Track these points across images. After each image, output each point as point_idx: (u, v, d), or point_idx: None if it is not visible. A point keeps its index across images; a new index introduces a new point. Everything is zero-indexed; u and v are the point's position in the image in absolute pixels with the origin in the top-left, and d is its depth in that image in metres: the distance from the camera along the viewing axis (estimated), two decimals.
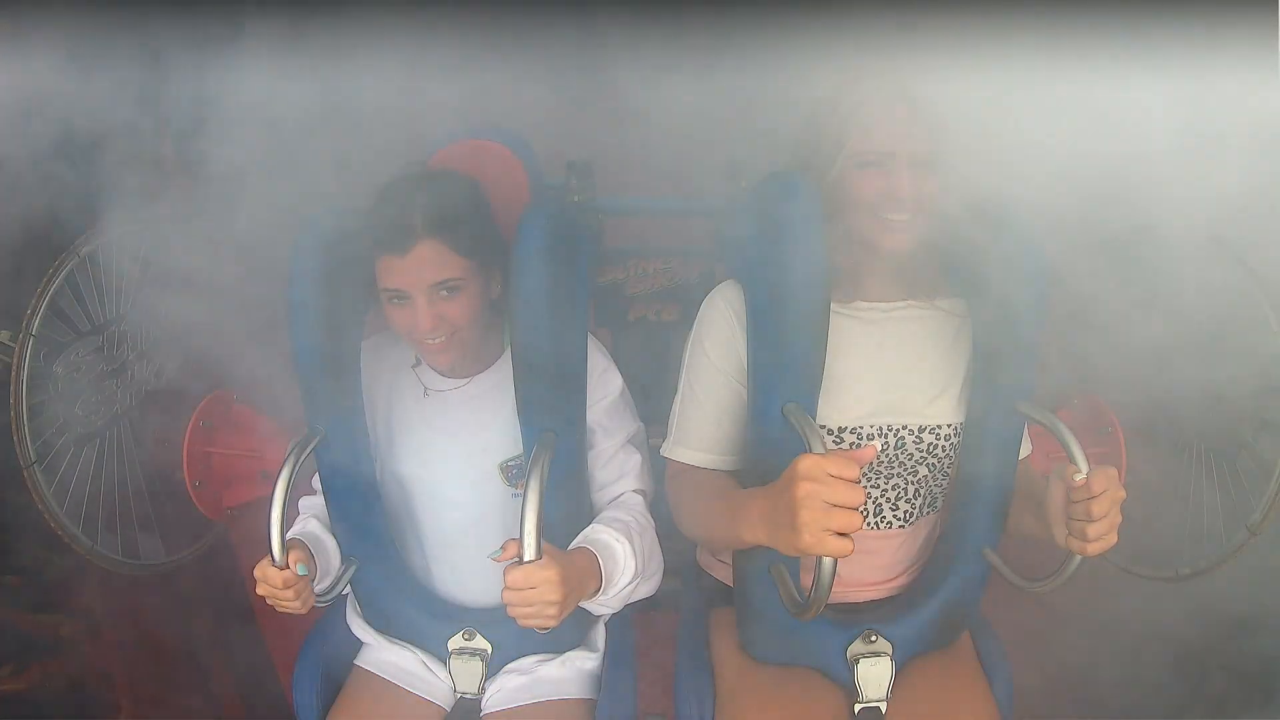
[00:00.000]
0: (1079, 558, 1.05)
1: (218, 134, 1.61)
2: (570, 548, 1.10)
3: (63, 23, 1.39)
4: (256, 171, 1.64)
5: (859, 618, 1.24)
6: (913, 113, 1.12)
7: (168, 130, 1.56)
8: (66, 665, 1.52)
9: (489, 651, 1.28)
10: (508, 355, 1.22)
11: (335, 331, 1.17)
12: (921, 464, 1.21)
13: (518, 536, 0.97)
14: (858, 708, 1.23)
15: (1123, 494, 0.99)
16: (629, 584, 1.12)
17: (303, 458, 1.13)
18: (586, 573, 1.05)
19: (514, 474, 1.25)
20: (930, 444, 1.20)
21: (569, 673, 1.31)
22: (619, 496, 1.24)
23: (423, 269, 1.11)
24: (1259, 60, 1.39)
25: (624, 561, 1.11)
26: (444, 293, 1.13)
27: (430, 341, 1.15)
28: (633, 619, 1.41)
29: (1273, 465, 1.50)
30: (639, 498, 1.24)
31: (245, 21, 1.58)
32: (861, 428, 1.19)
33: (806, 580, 1.10)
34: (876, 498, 1.23)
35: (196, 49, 1.54)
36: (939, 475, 1.23)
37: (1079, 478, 1.00)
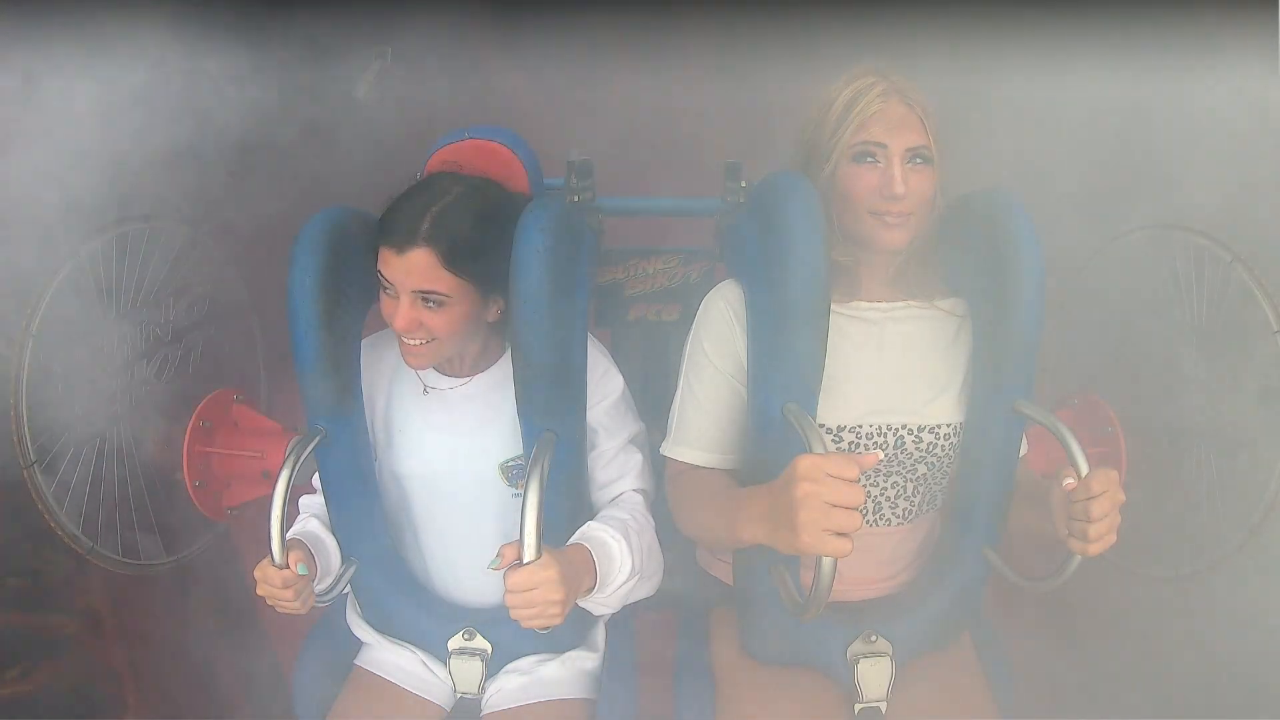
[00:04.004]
0: (1079, 557, 1.04)
1: (217, 132, 1.61)
2: (565, 545, 1.10)
3: (63, 20, 1.39)
4: (256, 170, 1.64)
5: (859, 618, 1.24)
6: (908, 108, 1.12)
7: (169, 129, 1.56)
8: (73, 666, 1.52)
9: (489, 651, 1.28)
10: (508, 355, 1.22)
11: (335, 331, 1.17)
12: (920, 463, 1.21)
13: (517, 537, 0.97)
14: (858, 708, 1.23)
15: (1122, 497, 0.99)
16: (626, 582, 1.11)
17: (303, 457, 1.13)
18: (581, 570, 1.05)
19: (514, 474, 1.25)
20: (930, 443, 1.20)
21: (569, 673, 1.31)
22: (619, 495, 1.25)
23: (411, 273, 1.10)
24: (1259, 60, 1.39)
25: (620, 559, 1.11)
26: (428, 302, 1.12)
27: (406, 340, 1.15)
28: (633, 619, 1.41)
29: (1273, 465, 1.50)
30: (639, 497, 1.24)
31: (245, 19, 1.58)
32: (861, 427, 1.19)
33: (806, 579, 1.10)
34: (876, 496, 1.23)
35: (195, 46, 1.54)
36: (938, 474, 1.23)
37: (1069, 481, 1.01)
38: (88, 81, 1.45)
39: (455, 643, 1.29)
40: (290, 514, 1.12)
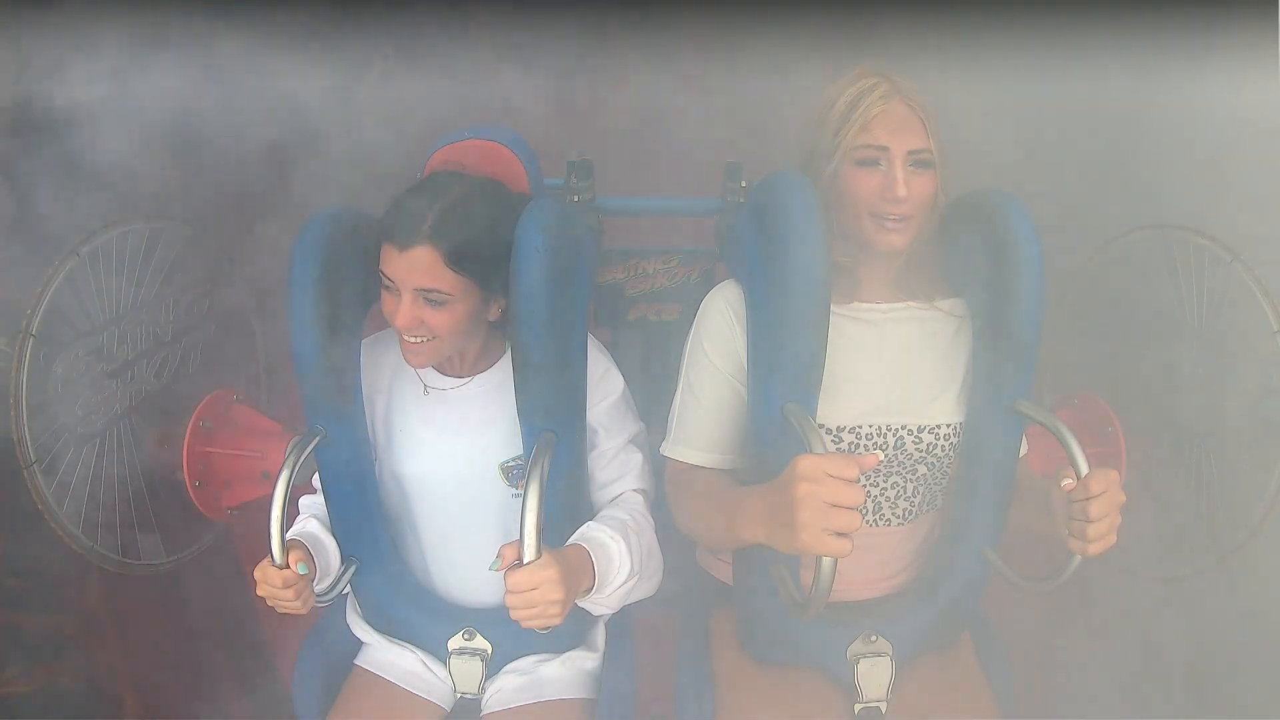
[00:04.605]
0: (1079, 558, 1.05)
1: (218, 131, 1.61)
2: (564, 546, 1.10)
3: (60, 20, 1.39)
4: (257, 169, 1.64)
5: (859, 618, 1.24)
6: (910, 110, 1.12)
7: (169, 127, 1.56)
8: (72, 666, 1.51)
9: (489, 651, 1.29)
10: (508, 355, 1.22)
11: (335, 331, 1.17)
12: (920, 463, 1.21)
13: (517, 537, 0.97)
14: (858, 708, 1.23)
15: (1122, 497, 1.00)
16: (625, 583, 1.11)
17: (303, 457, 1.13)
18: (579, 570, 1.05)
19: (514, 474, 1.25)
20: (929, 444, 1.20)
21: (569, 673, 1.31)
22: (619, 496, 1.24)
23: (413, 271, 1.10)
24: (1259, 60, 1.39)
25: (619, 560, 1.10)
26: (430, 301, 1.12)
27: (407, 338, 1.16)
28: (633, 619, 1.41)
29: (1272, 465, 1.50)
30: (639, 497, 1.24)
31: (246, 17, 1.58)
32: (860, 427, 1.19)
33: (806, 579, 1.10)
34: (875, 496, 1.23)
35: (197, 44, 1.54)
36: (938, 474, 1.23)
37: (1068, 482, 1.01)
38: (87, 82, 1.45)
39: (455, 643, 1.29)
40: (290, 514, 1.12)
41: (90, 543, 1.49)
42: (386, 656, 1.33)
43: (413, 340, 1.15)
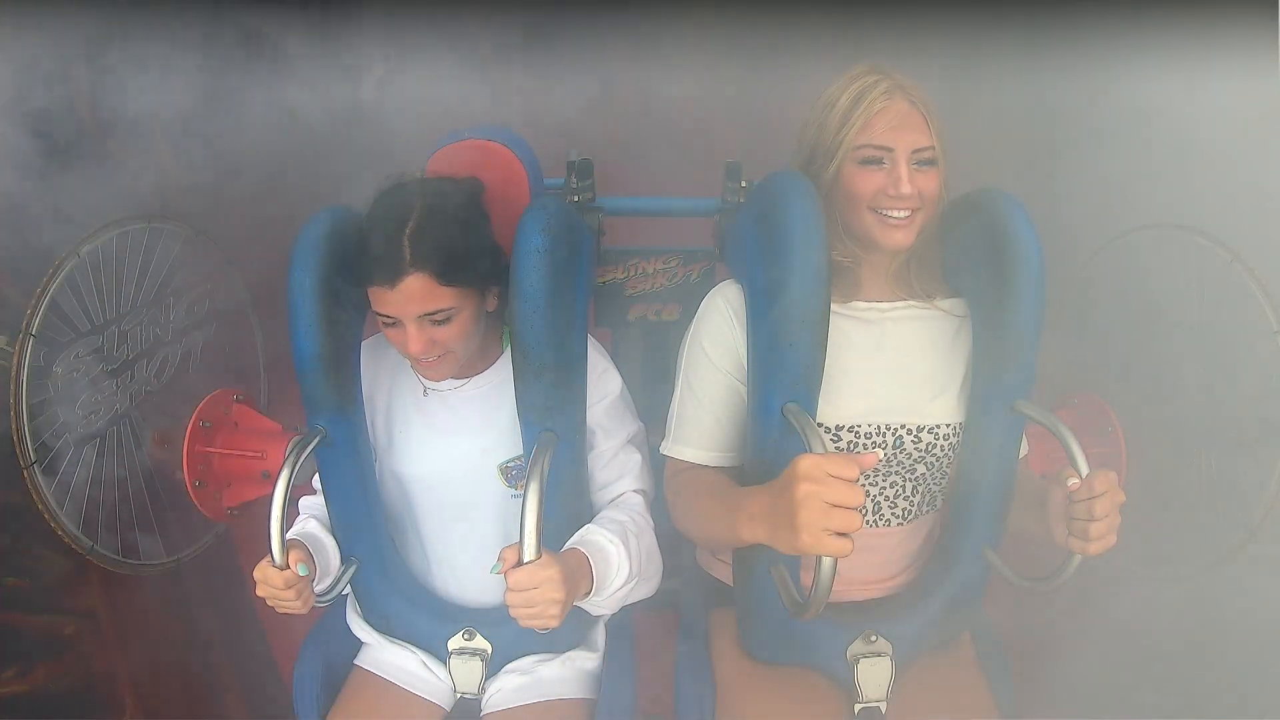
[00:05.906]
0: (1079, 557, 1.05)
1: (220, 131, 1.61)
2: (563, 549, 1.10)
3: (63, 19, 1.39)
4: (258, 169, 1.64)
5: (859, 618, 1.24)
6: (912, 107, 1.12)
7: (170, 127, 1.56)
8: (71, 666, 1.51)
9: (489, 651, 1.29)
10: (508, 355, 1.22)
11: (335, 331, 1.17)
12: (919, 463, 1.21)
13: (518, 538, 0.97)
14: (858, 708, 1.23)
15: (1122, 498, 1.00)
16: (624, 585, 1.11)
17: (303, 457, 1.13)
18: (578, 574, 1.05)
19: (514, 474, 1.25)
20: (929, 444, 1.20)
21: (569, 672, 1.31)
22: (619, 496, 1.24)
23: (410, 301, 1.09)
24: (1259, 60, 1.39)
25: (617, 563, 1.10)
26: (435, 321, 1.12)
27: (422, 361, 1.15)
28: (633, 619, 1.41)
29: (1273, 465, 1.50)
30: (639, 497, 1.24)
31: (249, 18, 1.58)
32: (860, 426, 1.19)
33: (806, 580, 1.10)
34: (875, 496, 1.23)
35: (199, 45, 1.54)
36: (937, 474, 1.23)
37: (1072, 481, 1.01)
38: (86, 81, 1.45)
39: (455, 643, 1.29)
40: (290, 514, 1.12)
41: (90, 543, 1.49)
42: (386, 656, 1.33)
43: (428, 359, 1.15)
